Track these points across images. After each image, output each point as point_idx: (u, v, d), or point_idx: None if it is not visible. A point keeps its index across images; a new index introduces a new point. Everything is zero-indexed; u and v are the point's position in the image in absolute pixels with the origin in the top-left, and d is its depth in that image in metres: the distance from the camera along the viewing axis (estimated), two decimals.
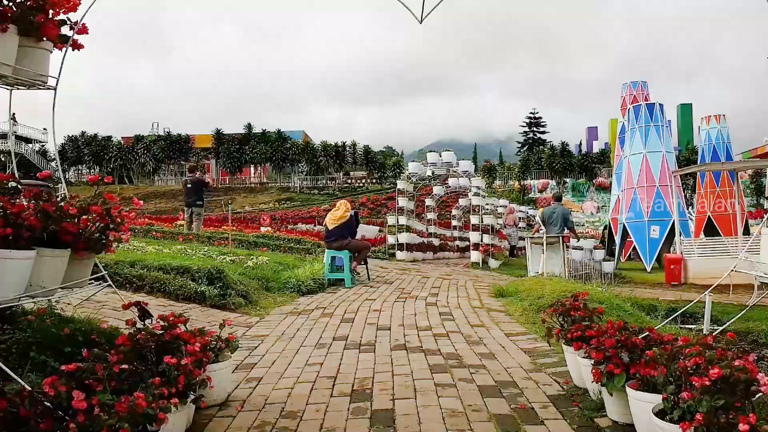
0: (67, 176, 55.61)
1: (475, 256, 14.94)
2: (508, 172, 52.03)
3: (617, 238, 22.63)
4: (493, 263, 14.77)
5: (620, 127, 29.00)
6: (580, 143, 57.66)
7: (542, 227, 10.89)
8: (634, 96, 28.33)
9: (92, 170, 54.69)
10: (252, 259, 9.45)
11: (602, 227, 42.12)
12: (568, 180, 49.30)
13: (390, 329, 5.67)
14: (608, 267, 15.31)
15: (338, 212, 9.32)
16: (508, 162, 60.02)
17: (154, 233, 13.31)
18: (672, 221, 20.98)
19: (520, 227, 22.15)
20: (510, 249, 19.88)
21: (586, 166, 48.38)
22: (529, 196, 48.31)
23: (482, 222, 15.05)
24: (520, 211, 28.62)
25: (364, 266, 9.97)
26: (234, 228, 20.60)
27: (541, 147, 60.05)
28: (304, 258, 10.86)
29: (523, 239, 27.75)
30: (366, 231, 10.16)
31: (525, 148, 67.65)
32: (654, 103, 21.84)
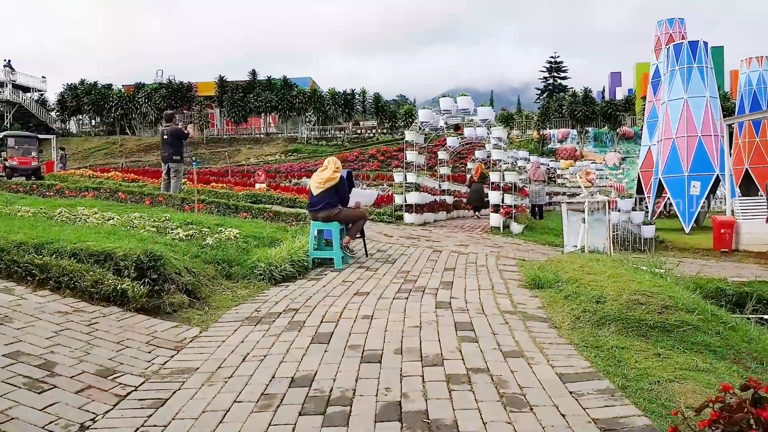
0: (67, 126, 53.88)
1: (495, 219, 12.93)
2: (527, 120, 49.33)
3: (651, 195, 20.54)
4: (515, 227, 12.79)
5: (653, 71, 26.42)
6: (603, 90, 54.66)
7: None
8: (670, 35, 25.63)
9: (93, 120, 52.78)
10: (220, 231, 7.54)
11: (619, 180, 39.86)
12: (590, 129, 46.67)
13: (381, 360, 3.76)
14: (648, 231, 13.27)
15: (325, 173, 7.33)
16: (526, 110, 57.18)
17: (120, 194, 11.43)
18: (714, 176, 18.78)
19: (545, 182, 19.96)
20: (532, 208, 17.81)
21: (610, 114, 45.62)
22: (549, 146, 45.89)
23: (503, 179, 12.99)
24: (541, 164, 26.39)
25: (361, 238, 8.05)
26: (227, 184, 18.74)
27: (561, 94, 57.00)
28: (288, 228, 8.91)
29: (551, 195, 25.60)
30: (362, 196, 8.18)
31: (545, 95, 64.56)
32: (697, 41, 19.30)
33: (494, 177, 13.03)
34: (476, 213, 17.98)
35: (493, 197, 12.97)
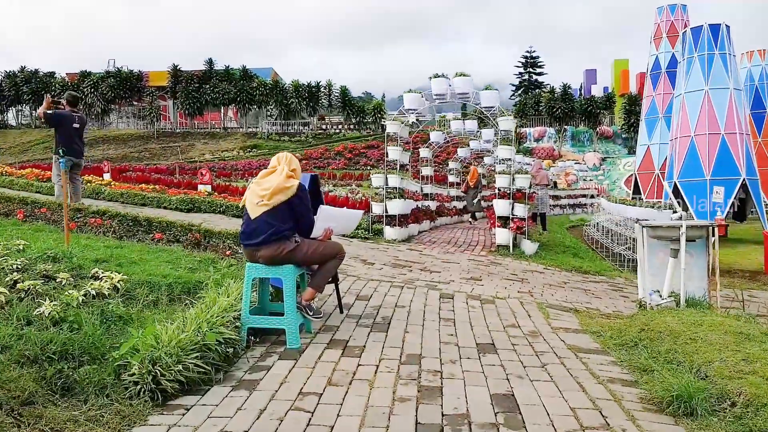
0: (5, 118, 49.36)
1: (502, 236, 10.00)
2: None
3: (664, 200, 17.96)
4: (528, 246, 9.90)
5: (652, 62, 23.90)
6: (581, 87, 52.50)
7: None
8: (672, 22, 23.13)
9: (34, 111, 48.25)
10: (94, 274, 4.42)
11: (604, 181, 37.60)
12: (567, 128, 44.39)
13: None
14: None
15: (272, 178, 4.23)
16: (501, 107, 54.87)
17: None
18: (740, 181, 16.24)
19: (549, 186, 17.17)
20: (533, 217, 14.96)
21: (590, 112, 43.40)
22: (525, 145, 43.45)
23: (513, 184, 10.08)
24: (527, 164, 23.60)
25: (332, 284, 4.99)
26: (163, 185, 15.46)
27: (538, 90, 54.66)
28: (219, 262, 5.77)
29: (559, 197, 22.71)
30: (335, 218, 4.83)
31: (520, 91, 62.18)
32: (719, 25, 16.70)
33: (501, 181, 10.10)
34: (474, 220, 16.14)
35: (500, 207, 10.04)
